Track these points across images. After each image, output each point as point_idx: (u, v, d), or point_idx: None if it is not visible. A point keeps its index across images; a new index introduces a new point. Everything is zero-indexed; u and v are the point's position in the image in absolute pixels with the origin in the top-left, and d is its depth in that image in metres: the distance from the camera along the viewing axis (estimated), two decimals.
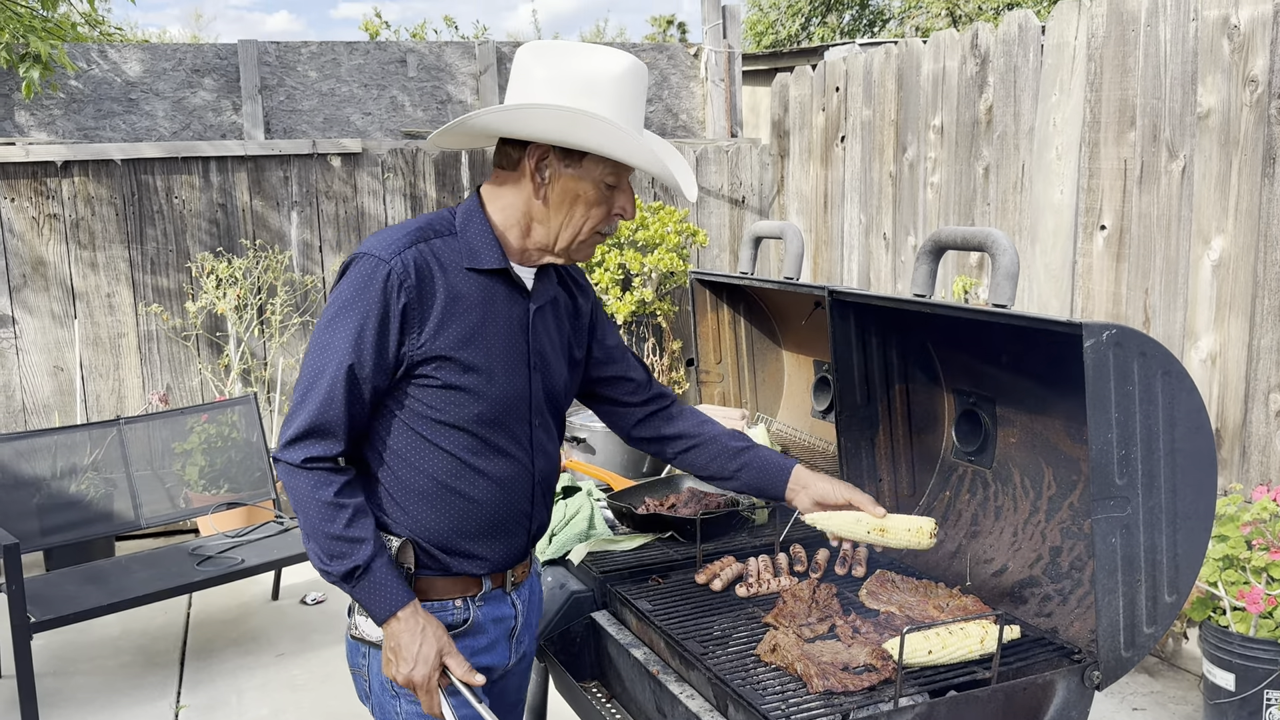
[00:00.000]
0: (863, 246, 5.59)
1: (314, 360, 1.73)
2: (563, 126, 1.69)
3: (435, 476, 1.80)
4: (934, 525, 1.97)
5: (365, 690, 1.92)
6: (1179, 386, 1.69)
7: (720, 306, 3.11)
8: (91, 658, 4.29)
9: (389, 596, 1.75)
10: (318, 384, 1.72)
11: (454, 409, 1.78)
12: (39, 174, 5.49)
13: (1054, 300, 4.35)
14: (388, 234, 1.77)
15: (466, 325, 1.77)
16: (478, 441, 1.81)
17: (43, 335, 5.59)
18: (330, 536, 1.71)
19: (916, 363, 2.41)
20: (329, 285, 5.91)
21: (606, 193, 1.79)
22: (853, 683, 1.74)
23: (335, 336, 1.71)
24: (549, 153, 1.75)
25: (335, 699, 3.87)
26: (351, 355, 1.70)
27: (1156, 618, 1.77)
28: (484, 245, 1.80)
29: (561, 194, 1.77)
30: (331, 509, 1.71)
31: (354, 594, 1.76)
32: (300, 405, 1.73)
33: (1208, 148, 3.67)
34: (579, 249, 1.84)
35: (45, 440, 4.28)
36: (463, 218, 1.82)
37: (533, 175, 1.77)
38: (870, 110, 5.44)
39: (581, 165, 1.76)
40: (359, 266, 1.73)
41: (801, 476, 2.09)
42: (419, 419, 1.78)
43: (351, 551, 1.72)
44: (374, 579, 1.74)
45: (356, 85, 6.35)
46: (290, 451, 1.73)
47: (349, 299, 1.71)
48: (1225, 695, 3.28)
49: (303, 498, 1.73)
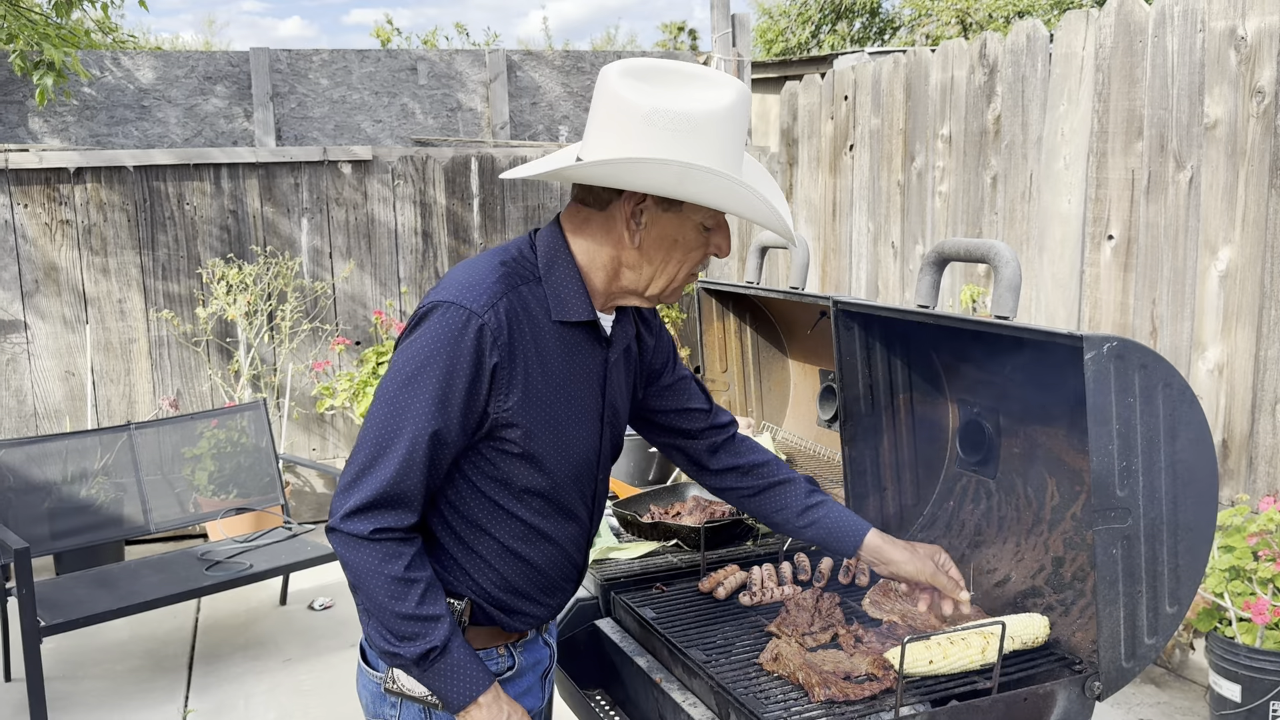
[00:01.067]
0: (871, 255, 5.60)
1: (387, 420, 1.56)
2: (669, 182, 1.53)
3: (502, 541, 1.70)
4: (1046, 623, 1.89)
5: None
6: (1180, 398, 1.70)
7: (727, 315, 3.12)
8: (100, 661, 4.32)
9: (470, 680, 1.61)
10: (393, 448, 1.55)
11: (530, 475, 1.66)
12: (52, 180, 5.54)
13: (1061, 310, 4.35)
14: (472, 278, 1.59)
15: (551, 385, 1.64)
16: (548, 505, 1.71)
17: (54, 340, 5.63)
18: (401, 616, 1.56)
19: (921, 373, 2.42)
20: (339, 292, 5.94)
21: (704, 235, 1.66)
22: (854, 692, 1.74)
23: (416, 396, 1.54)
24: (646, 198, 1.60)
25: (342, 704, 3.89)
26: (437, 420, 1.55)
27: (1158, 629, 1.77)
28: (573, 294, 1.65)
29: (658, 240, 1.63)
30: (402, 585, 1.56)
31: (424, 678, 1.60)
32: (369, 470, 1.56)
33: (1215, 158, 3.68)
34: (670, 294, 1.70)
35: (56, 445, 4.31)
36: (546, 259, 1.65)
37: (628, 222, 1.62)
38: (879, 119, 5.45)
39: (682, 210, 1.62)
40: (445, 317, 1.55)
41: (873, 545, 1.95)
42: (491, 483, 1.66)
43: (426, 632, 1.57)
44: (451, 660, 1.59)
45: (367, 93, 6.39)
46: (355, 522, 1.56)
47: (431, 354, 1.54)
48: (1231, 706, 3.27)
49: (368, 573, 1.56)
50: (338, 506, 1.58)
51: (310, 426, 6.02)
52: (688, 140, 1.53)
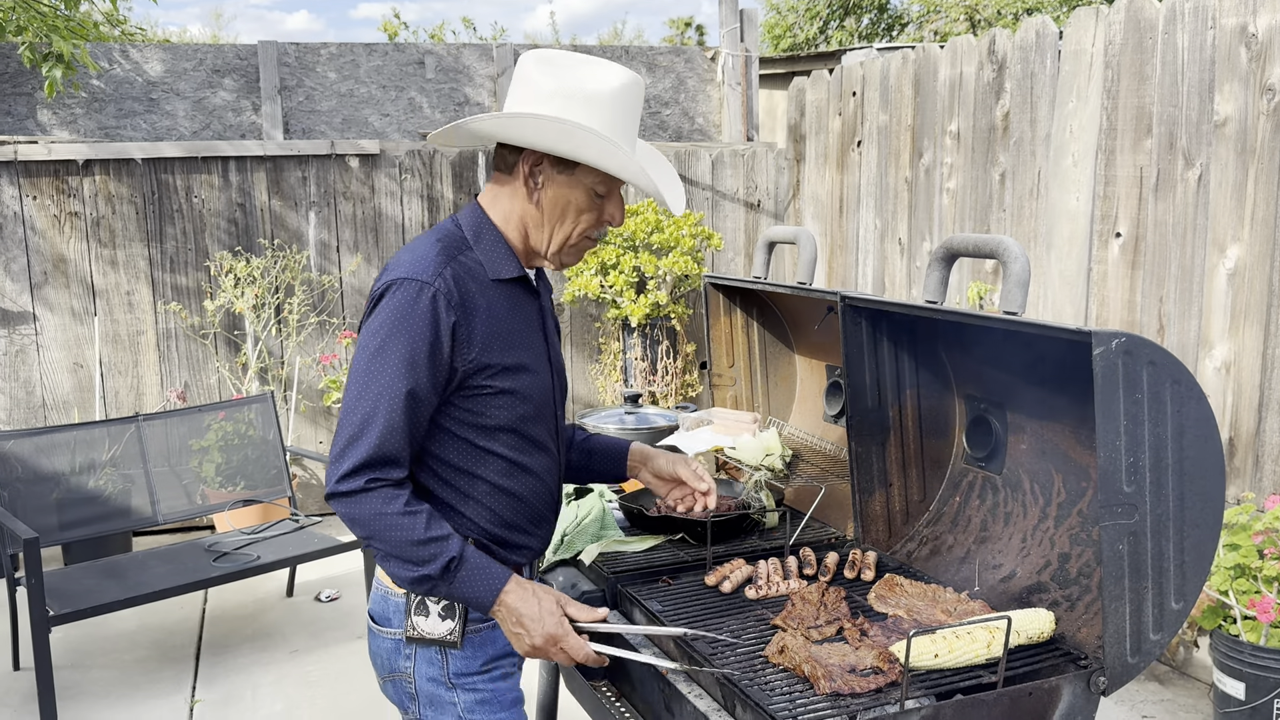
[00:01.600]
0: (878, 251, 5.60)
1: (365, 390, 1.73)
2: (557, 137, 1.75)
3: (488, 479, 1.86)
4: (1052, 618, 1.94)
5: (409, 693, 1.91)
6: (1187, 395, 1.70)
7: (734, 310, 3.13)
8: (108, 651, 4.34)
9: (491, 576, 1.78)
10: (375, 414, 1.72)
11: (503, 412, 1.83)
12: (61, 172, 5.55)
13: (1069, 308, 4.35)
14: (417, 256, 1.78)
15: (505, 332, 1.83)
16: (523, 440, 1.87)
17: (63, 332, 5.65)
18: (414, 543, 1.72)
19: (928, 368, 2.42)
20: (346, 285, 5.96)
21: (597, 200, 1.86)
22: (859, 685, 1.75)
23: (387, 364, 1.72)
24: (543, 160, 1.81)
25: (349, 695, 3.91)
26: (409, 380, 1.72)
27: (1163, 625, 1.78)
28: (502, 255, 1.86)
29: (554, 200, 1.84)
30: (407, 517, 1.72)
31: (453, 591, 1.77)
32: (357, 438, 1.72)
33: (1224, 156, 3.67)
34: (568, 253, 1.90)
35: (65, 436, 4.33)
36: (472, 230, 1.86)
37: (526, 180, 1.83)
38: (887, 115, 5.44)
39: (574, 173, 1.82)
40: (401, 291, 1.74)
41: (638, 450, 2.24)
42: (469, 428, 1.82)
43: (441, 549, 1.74)
44: (471, 565, 1.76)
45: (375, 86, 6.39)
46: (350, 481, 1.72)
47: (395, 324, 1.72)
48: (1235, 704, 3.27)
49: (373, 517, 1.72)
50: (331, 474, 1.74)
51: (317, 419, 6.04)
52: (579, 109, 1.77)
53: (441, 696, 1.89)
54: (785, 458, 2.91)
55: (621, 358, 6.08)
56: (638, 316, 5.74)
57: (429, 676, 1.88)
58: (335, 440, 1.76)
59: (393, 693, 1.95)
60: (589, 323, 6.33)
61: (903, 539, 2.46)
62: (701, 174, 6.40)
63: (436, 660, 1.87)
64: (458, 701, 1.88)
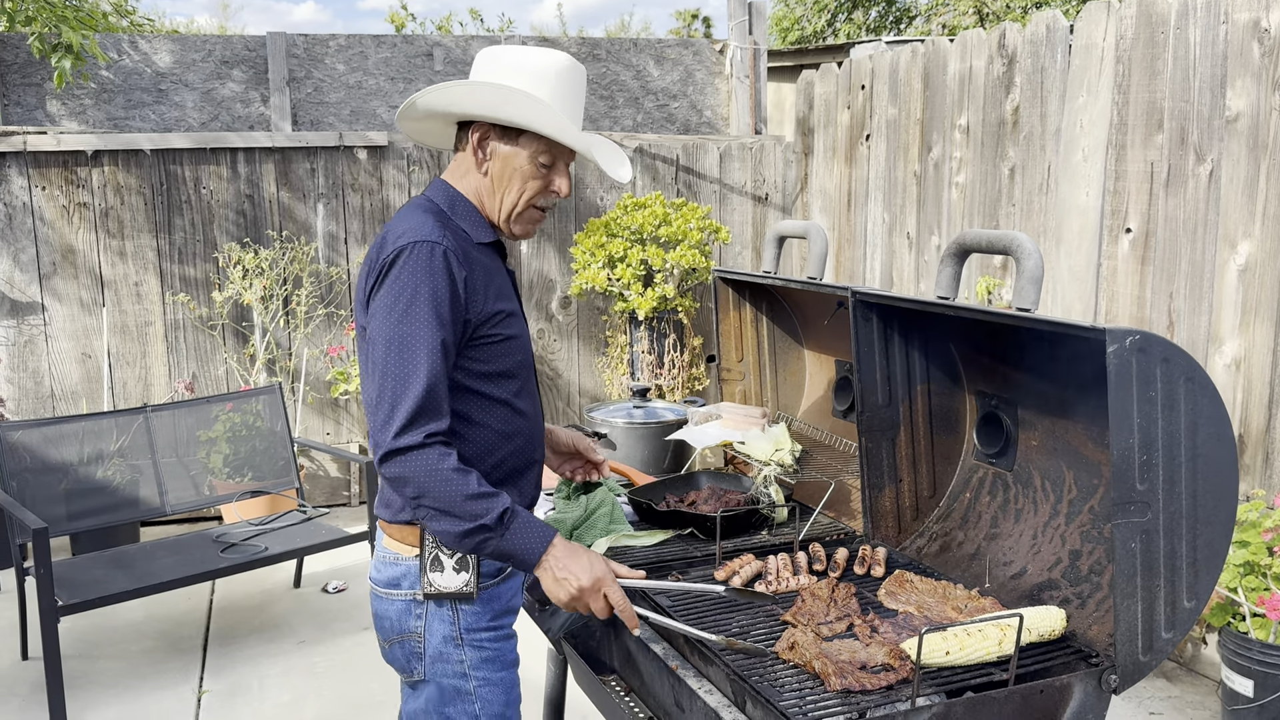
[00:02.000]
0: (886, 246, 5.58)
1: (402, 347, 1.80)
2: (495, 102, 1.88)
3: (493, 426, 1.96)
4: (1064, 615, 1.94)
5: (417, 653, 1.98)
6: (1201, 392, 1.70)
7: (743, 305, 3.12)
8: (116, 641, 4.35)
9: (540, 531, 1.87)
10: (415, 366, 1.79)
11: (506, 358, 1.95)
12: (69, 163, 5.56)
13: (1078, 303, 4.34)
14: (414, 223, 1.87)
15: (498, 286, 1.95)
16: (519, 384, 1.99)
17: (71, 323, 5.66)
18: (470, 496, 1.79)
19: (938, 364, 2.42)
20: (353, 278, 5.96)
21: (543, 170, 1.97)
22: (870, 681, 1.75)
23: (417, 319, 1.80)
24: (489, 131, 1.94)
25: (356, 686, 3.92)
26: (440, 330, 1.81)
27: (1175, 623, 1.77)
28: (477, 222, 1.99)
29: (500, 169, 1.96)
30: (461, 474, 1.80)
31: (504, 543, 1.83)
32: (402, 394, 1.79)
33: (1236, 151, 3.65)
34: (517, 222, 2.00)
35: (73, 426, 4.34)
36: (446, 203, 1.98)
37: (475, 151, 1.96)
38: (896, 109, 5.43)
39: (517, 143, 1.94)
40: (416, 252, 1.82)
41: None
42: (476, 377, 1.92)
43: (494, 502, 1.81)
44: (522, 518, 1.85)
45: (383, 78, 6.39)
46: (406, 436, 1.78)
47: (418, 282, 1.81)
48: (1244, 701, 3.27)
49: (429, 474, 1.79)
50: (383, 436, 1.79)
51: (324, 411, 6.05)
52: (526, 79, 1.92)
53: (449, 654, 1.96)
54: (794, 453, 2.90)
55: (628, 351, 6.07)
56: (645, 310, 5.73)
57: (441, 635, 1.96)
58: (379, 403, 1.81)
59: (399, 655, 2.01)
60: (596, 316, 6.32)
61: (913, 535, 2.46)
62: (709, 167, 6.39)
63: (448, 617, 1.95)
64: (465, 659, 1.96)
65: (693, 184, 6.39)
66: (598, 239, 5.77)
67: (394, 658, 2.03)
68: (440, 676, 1.98)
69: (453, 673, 1.97)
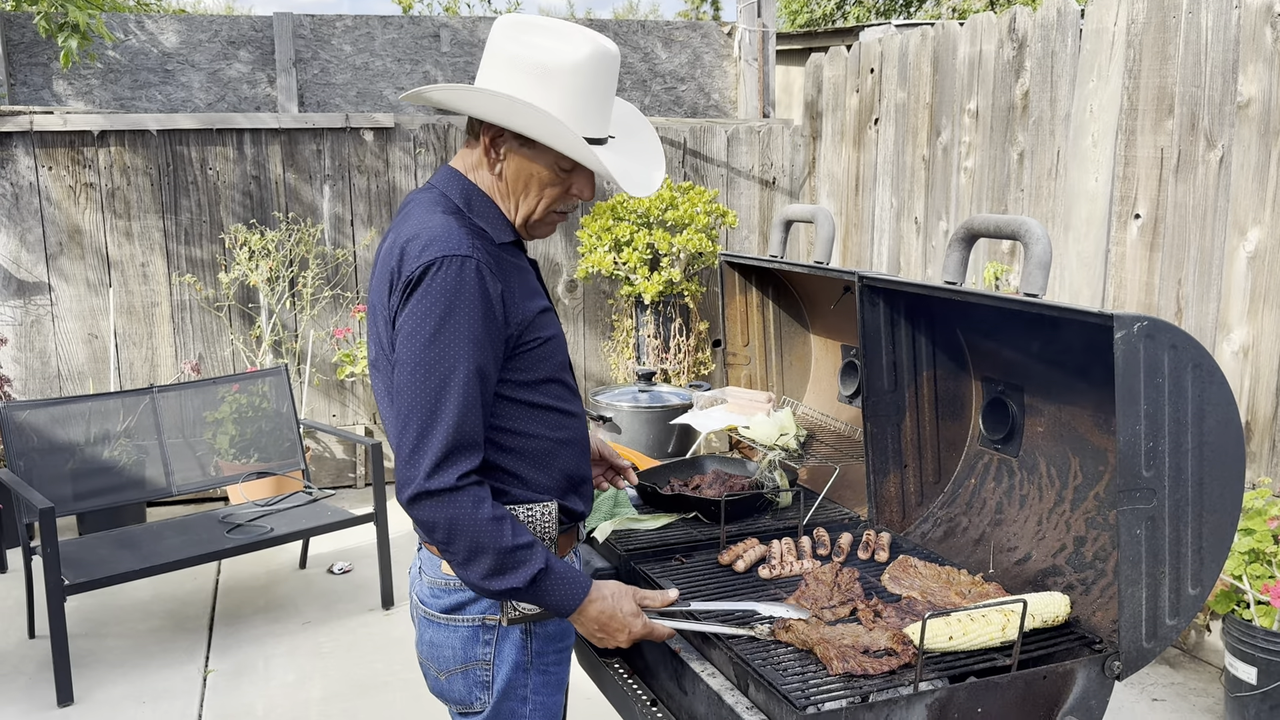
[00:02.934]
0: (893, 230, 5.56)
1: (429, 375, 1.65)
2: (501, 112, 1.72)
3: (545, 435, 1.83)
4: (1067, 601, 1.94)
5: (483, 682, 1.87)
6: (1209, 380, 1.69)
7: (749, 289, 3.11)
8: (123, 620, 4.38)
9: (576, 583, 1.75)
10: (446, 397, 1.64)
11: (547, 362, 1.81)
12: (76, 143, 5.55)
13: (1086, 289, 4.32)
14: (437, 230, 1.70)
15: (527, 286, 1.81)
16: (563, 388, 1.86)
17: (78, 303, 5.67)
18: (505, 550, 1.66)
19: (945, 350, 2.41)
20: (360, 259, 5.96)
21: (562, 175, 1.80)
22: (872, 666, 1.75)
23: (449, 344, 1.65)
24: (504, 131, 1.77)
25: (360, 666, 3.93)
26: (476, 355, 1.66)
27: (1179, 610, 1.77)
28: (497, 220, 1.82)
29: (516, 173, 1.80)
30: (497, 524, 1.67)
31: (536, 599, 1.72)
32: (431, 426, 1.64)
33: (1247, 137, 3.63)
34: (535, 226, 1.86)
35: (80, 407, 4.35)
36: (462, 197, 1.81)
37: (487, 151, 1.80)
38: (905, 93, 5.40)
39: (535, 147, 1.77)
40: (445, 270, 1.65)
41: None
42: (520, 387, 1.78)
43: (529, 557, 1.69)
44: (556, 574, 1.72)
45: (390, 59, 6.37)
46: (439, 477, 1.63)
47: (449, 303, 1.65)
48: (1247, 689, 3.27)
49: (464, 522, 1.65)
50: (411, 473, 1.65)
51: (331, 393, 6.05)
52: (538, 83, 1.73)
53: (516, 680, 1.86)
54: (799, 437, 2.90)
55: (634, 335, 6.07)
56: (651, 294, 5.72)
57: (512, 661, 1.85)
58: (404, 434, 1.66)
59: (460, 686, 1.88)
60: (602, 299, 6.32)
61: (917, 520, 2.46)
62: (717, 151, 6.37)
63: (520, 641, 1.85)
64: (529, 684, 1.87)
65: (700, 168, 6.37)
66: (604, 222, 5.75)
67: (450, 690, 1.89)
68: (501, 702, 1.86)
69: (515, 697, 1.87)
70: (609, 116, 1.83)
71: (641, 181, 1.86)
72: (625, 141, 1.90)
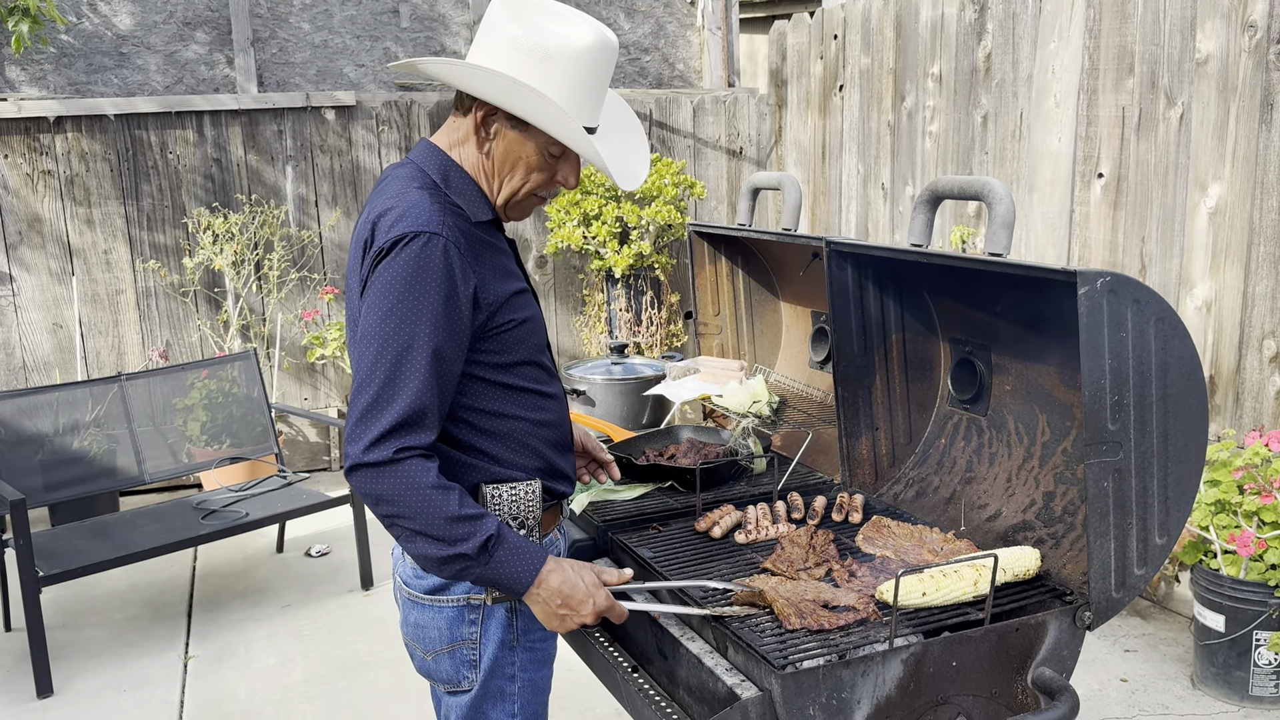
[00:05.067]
0: (861, 197, 5.58)
1: (384, 350, 1.62)
2: (503, 94, 1.69)
3: (524, 416, 1.81)
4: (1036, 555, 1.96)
5: (470, 661, 1.85)
6: (1172, 333, 1.71)
7: (718, 258, 3.12)
8: (100, 610, 4.35)
9: (530, 555, 1.70)
10: (398, 375, 1.61)
11: (522, 345, 1.79)
12: (32, 130, 5.46)
13: (1051, 250, 4.36)
14: (410, 205, 1.68)
15: (501, 268, 1.78)
16: (541, 370, 1.84)
17: (41, 293, 5.59)
18: (449, 519, 1.62)
19: (913, 312, 2.43)
20: (326, 240, 5.91)
21: (550, 160, 1.79)
22: (829, 620, 1.77)
23: (407, 321, 1.62)
24: (497, 111, 1.75)
25: (342, 647, 3.94)
26: (435, 335, 1.63)
27: (1147, 559, 1.81)
28: (475, 198, 1.79)
29: (505, 153, 1.78)
30: (440, 492, 1.62)
31: (487, 572, 1.67)
32: (381, 402, 1.61)
33: (1206, 94, 3.66)
34: (514, 208, 1.84)
35: (47, 397, 4.30)
36: (440, 173, 1.78)
37: (478, 129, 1.77)
38: (869, 58, 5.40)
39: (528, 130, 1.75)
40: (413, 246, 1.63)
41: None
42: (495, 369, 1.76)
43: (477, 526, 1.65)
44: (509, 543, 1.68)
45: (349, 37, 6.29)
46: (378, 450, 1.60)
47: (411, 280, 1.63)
48: (1215, 636, 3.34)
49: (403, 492, 1.61)
50: (353, 447, 1.62)
51: (302, 376, 6.02)
52: (539, 66, 1.71)
53: (502, 658, 1.85)
54: (772, 404, 2.92)
55: (606, 309, 6.07)
56: (621, 267, 5.72)
57: (498, 640, 1.84)
58: (351, 408, 1.64)
59: (446, 666, 1.86)
60: (572, 274, 6.30)
61: (889, 482, 2.49)
62: (683, 121, 6.35)
63: (505, 619, 1.83)
64: (516, 661, 1.86)
65: (666, 139, 6.35)
66: (572, 196, 5.73)
67: (438, 669, 1.88)
68: (489, 680, 1.85)
69: (503, 675, 1.86)
70: (601, 105, 1.82)
71: (631, 173, 1.86)
72: (610, 130, 1.89)
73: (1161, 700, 3.40)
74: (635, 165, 1.88)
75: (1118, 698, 3.42)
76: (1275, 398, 3.55)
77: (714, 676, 1.76)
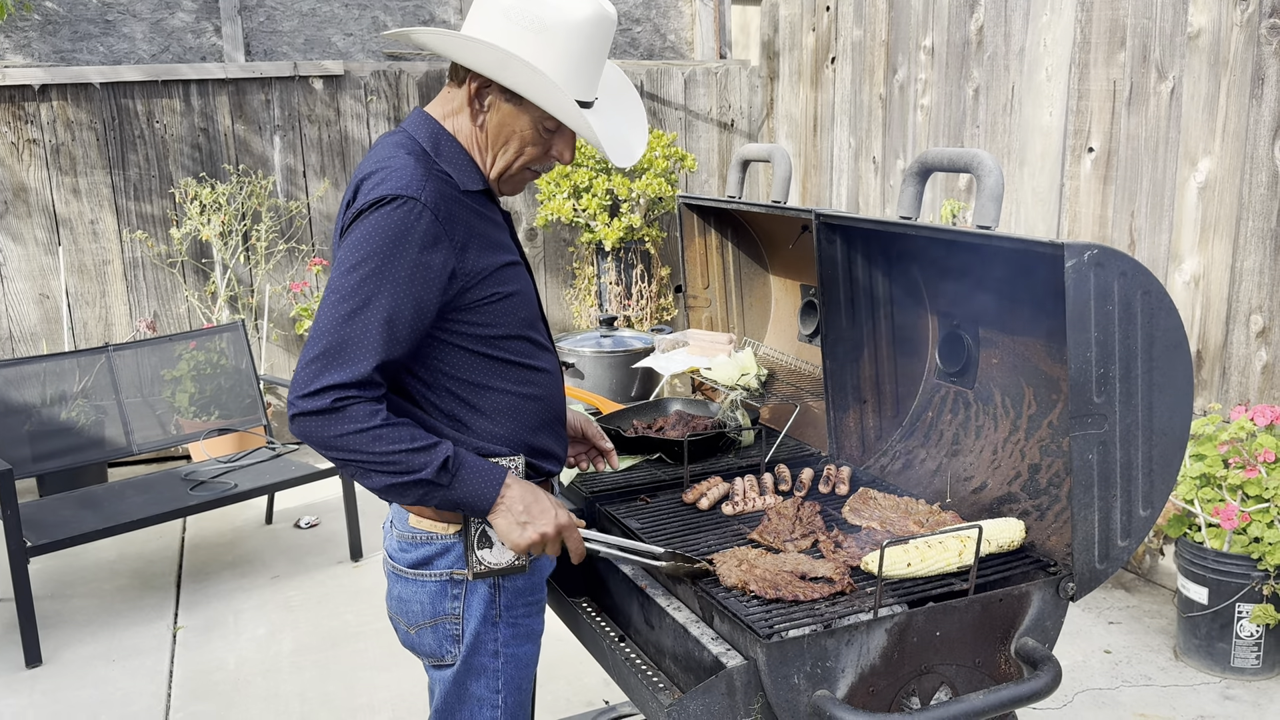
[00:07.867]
0: (852, 170, 5.57)
1: (340, 306, 1.62)
2: (492, 65, 1.67)
3: (509, 390, 1.80)
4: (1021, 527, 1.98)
5: (453, 635, 1.85)
6: (1158, 306, 1.72)
7: (708, 231, 3.11)
8: (88, 580, 4.36)
9: (491, 471, 1.72)
10: (352, 329, 1.61)
11: (508, 318, 1.76)
12: (17, 98, 5.40)
13: (1041, 224, 4.36)
14: (395, 169, 1.67)
15: (490, 240, 1.76)
16: (529, 344, 1.82)
17: (27, 263, 5.56)
18: (404, 451, 1.63)
19: (902, 286, 2.43)
20: (314, 211, 5.87)
21: (545, 135, 1.77)
22: (803, 591, 1.78)
23: (371, 279, 1.61)
24: (491, 83, 1.73)
25: (331, 618, 3.95)
26: (394, 298, 1.62)
27: (1131, 531, 1.82)
28: (466, 167, 1.77)
29: (498, 126, 1.76)
30: (390, 428, 1.62)
31: (451, 494, 1.68)
32: (330, 356, 1.61)
33: (1197, 68, 3.66)
34: (508, 182, 1.82)
35: (34, 368, 4.28)
36: (430, 141, 1.76)
37: (471, 100, 1.75)
38: (861, 30, 5.37)
39: (522, 103, 1.73)
40: (390, 208, 1.63)
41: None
42: (479, 340, 1.74)
43: (433, 452, 1.65)
44: (468, 463, 1.69)
45: (338, 5, 6.23)
46: (317, 399, 1.60)
47: (384, 241, 1.62)
48: (1198, 609, 3.37)
49: (349, 434, 1.61)
50: (294, 394, 1.61)
51: (290, 347, 6.00)
52: (534, 38, 1.68)
53: (484, 634, 1.85)
54: (760, 377, 2.92)
55: (596, 282, 6.06)
56: (611, 240, 5.70)
57: (480, 615, 1.83)
58: (305, 353, 1.62)
59: (429, 640, 1.87)
60: (562, 247, 6.28)
61: (876, 454, 2.50)
62: (674, 93, 6.31)
63: (488, 596, 1.83)
64: (499, 637, 1.86)
65: (657, 111, 6.32)
66: (562, 169, 5.71)
67: (421, 643, 1.88)
68: (471, 656, 1.85)
69: (486, 651, 1.86)
70: (599, 79, 1.79)
71: (626, 150, 1.84)
72: (609, 104, 1.86)
73: (1144, 671, 3.44)
74: (632, 142, 1.86)
75: (1101, 669, 3.45)
76: (1261, 372, 3.57)
77: (699, 645, 1.78)
